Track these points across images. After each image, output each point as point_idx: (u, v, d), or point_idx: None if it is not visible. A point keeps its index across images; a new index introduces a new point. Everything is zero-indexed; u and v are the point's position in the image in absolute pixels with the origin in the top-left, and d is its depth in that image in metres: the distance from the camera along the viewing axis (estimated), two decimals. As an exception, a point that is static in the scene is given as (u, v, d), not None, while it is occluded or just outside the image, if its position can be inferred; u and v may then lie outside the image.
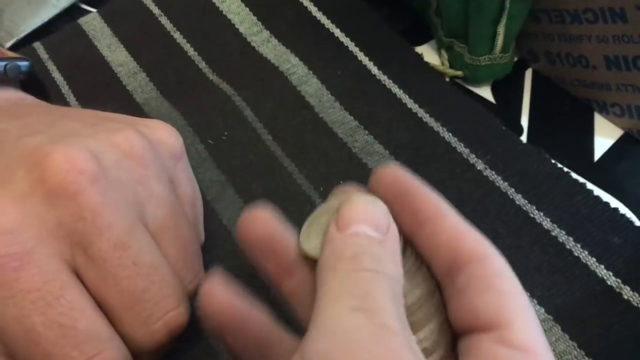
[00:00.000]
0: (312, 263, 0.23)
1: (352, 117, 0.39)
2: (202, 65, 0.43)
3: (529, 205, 0.34)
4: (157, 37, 0.45)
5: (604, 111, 0.39)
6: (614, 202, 0.34)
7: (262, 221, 0.25)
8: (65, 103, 0.41)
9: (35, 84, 0.34)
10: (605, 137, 0.39)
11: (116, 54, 0.44)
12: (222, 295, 0.24)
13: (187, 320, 0.27)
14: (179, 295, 0.27)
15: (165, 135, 0.30)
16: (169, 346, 0.27)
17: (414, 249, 0.23)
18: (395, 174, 0.24)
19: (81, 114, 0.31)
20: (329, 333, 0.18)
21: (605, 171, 0.37)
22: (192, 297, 0.29)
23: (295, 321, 0.26)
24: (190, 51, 0.43)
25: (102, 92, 0.42)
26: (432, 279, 0.22)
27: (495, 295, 0.20)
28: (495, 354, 0.19)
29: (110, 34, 0.45)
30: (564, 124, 0.40)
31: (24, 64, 0.32)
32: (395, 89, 0.40)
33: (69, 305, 0.24)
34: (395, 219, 0.23)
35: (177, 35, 0.44)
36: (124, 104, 0.41)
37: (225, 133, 0.38)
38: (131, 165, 0.27)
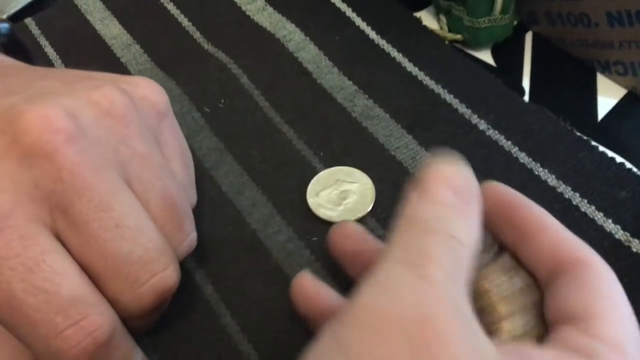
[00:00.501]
0: None
1: (351, 82, 0.38)
2: (197, 35, 0.42)
3: (534, 162, 0.33)
4: (151, 10, 0.44)
5: (606, 71, 0.39)
6: (619, 159, 0.34)
7: (351, 237, 0.27)
8: (59, 76, 0.41)
9: (17, 47, 0.33)
10: (608, 96, 0.38)
11: (109, 28, 0.43)
12: (312, 286, 0.26)
13: (177, 282, 0.26)
14: (166, 258, 0.25)
15: (148, 92, 0.29)
16: (159, 309, 0.27)
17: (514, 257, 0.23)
18: (497, 189, 0.24)
19: (61, 74, 0.29)
20: (375, 281, 0.18)
21: (609, 130, 0.36)
22: (183, 259, 0.28)
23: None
24: (185, 22, 0.43)
25: (95, 66, 0.41)
26: (530, 277, 0.22)
27: (588, 292, 0.20)
28: (575, 342, 0.19)
29: (103, 8, 0.44)
30: (566, 86, 0.39)
31: (3, 25, 0.31)
32: (394, 53, 0.39)
33: (50, 270, 0.22)
34: (499, 233, 0.23)
35: (171, 7, 0.44)
36: (119, 76, 0.40)
37: (222, 101, 0.38)
38: (111, 124, 0.26)
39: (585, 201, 0.31)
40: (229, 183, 0.34)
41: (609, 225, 0.31)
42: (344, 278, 0.29)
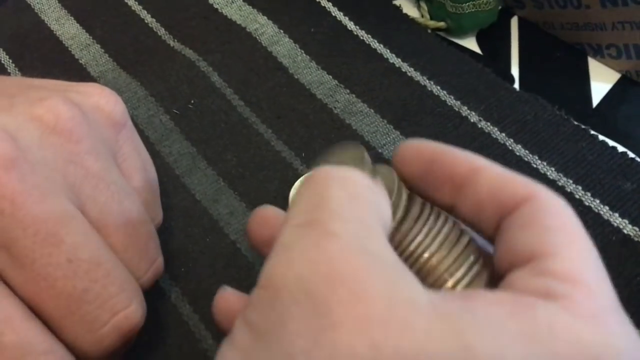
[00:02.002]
0: None
1: (330, 77, 0.35)
2: (162, 32, 0.39)
3: (531, 155, 0.31)
4: (110, 6, 0.41)
5: (598, 54, 0.37)
6: (620, 149, 0.32)
7: (269, 222, 0.23)
8: (12, 81, 0.37)
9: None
10: (601, 81, 0.36)
11: (66, 27, 0.40)
12: (236, 300, 0.22)
13: (142, 318, 0.23)
14: (129, 292, 0.23)
15: (102, 101, 0.26)
16: (125, 348, 0.24)
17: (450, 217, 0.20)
18: (419, 146, 0.21)
19: (1, 84, 0.26)
20: (274, 254, 0.16)
21: (606, 117, 0.34)
22: (149, 288, 0.25)
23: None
24: (148, 18, 0.40)
25: (52, 68, 0.38)
26: (454, 220, 0.20)
27: (537, 229, 0.17)
28: (527, 285, 0.16)
29: (59, 6, 0.41)
30: (557, 72, 0.37)
31: None
32: (374, 44, 0.37)
33: None
34: (433, 192, 0.20)
35: (132, 2, 0.41)
36: (78, 79, 0.36)
37: (192, 101, 0.35)
38: (58, 141, 0.23)
39: (589, 194, 0.29)
40: (203, 191, 0.31)
41: (616, 220, 0.28)
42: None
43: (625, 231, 0.28)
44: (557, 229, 0.17)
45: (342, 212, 0.16)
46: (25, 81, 0.26)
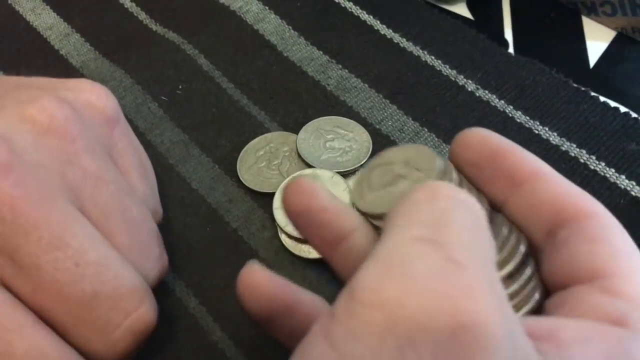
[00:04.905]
0: (369, 224, 0.21)
1: (321, 52, 0.34)
2: (143, 16, 0.38)
3: (532, 121, 0.30)
4: (87, -8, 0.39)
5: (592, 13, 0.36)
6: (622, 109, 0.31)
7: (306, 193, 0.21)
8: (-9, 77, 0.36)
9: None
10: (597, 40, 0.35)
11: (43, 17, 0.38)
12: (266, 282, 0.20)
13: (155, 318, 0.22)
14: (139, 291, 0.22)
15: (94, 97, 0.25)
16: (138, 349, 0.23)
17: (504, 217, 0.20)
18: (482, 136, 0.20)
19: None
20: (384, 264, 0.14)
21: (604, 76, 0.34)
22: (156, 286, 0.24)
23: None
24: (127, 3, 0.38)
25: (32, 61, 0.36)
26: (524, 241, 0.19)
27: (602, 247, 0.17)
28: (595, 302, 0.16)
29: (32, -4, 0.40)
30: (551, 33, 0.36)
31: None
32: (364, 16, 0.36)
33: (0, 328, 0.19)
34: (486, 184, 0.20)
35: (109, -13, 0.39)
36: (60, 70, 0.36)
37: (180, 87, 0.34)
38: (53, 142, 0.22)
39: (594, 157, 0.29)
40: (198, 179, 0.31)
41: (623, 182, 0.28)
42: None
43: (633, 193, 0.28)
44: (623, 250, 0.17)
45: (468, 240, 0.15)
46: (10, 80, 0.25)
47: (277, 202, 0.29)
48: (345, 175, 0.29)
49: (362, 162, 0.29)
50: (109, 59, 0.35)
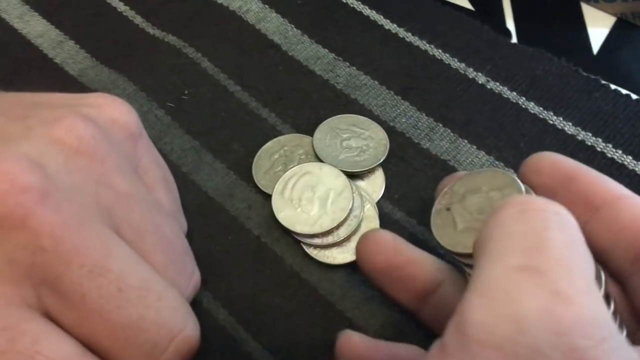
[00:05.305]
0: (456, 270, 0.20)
1: (326, 50, 0.34)
2: (139, 20, 0.36)
3: (546, 112, 0.30)
4: (77, -3, 0.38)
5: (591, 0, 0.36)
6: (633, 96, 0.31)
7: (383, 248, 0.21)
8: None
9: None
10: (598, 27, 0.36)
11: (32, 25, 0.37)
12: (362, 348, 0.21)
13: (199, 336, 0.22)
14: (182, 312, 0.21)
15: (116, 112, 0.24)
16: None
17: None
18: (554, 160, 0.20)
19: (3, 104, 0.23)
20: (489, 298, 0.15)
21: (609, 63, 0.34)
22: (189, 301, 0.24)
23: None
24: (121, 6, 0.37)
25: (25, 72, 0.35)
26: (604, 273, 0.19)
27: None
28: None
29: (19, 3, 0.38)
30: (553, 21, 0.36)
31: None
32: (367, 11, 0.35)
33: None
34: None
35: (101, -9, 0.38)
36: (56, 80, 0.34)
37: (186, 92, 0.33)
38: (84, 163, 0.21)
39: (610, 146, 0.29)
40: (215, 186, 0.30)
41: (641, 169, 0.28)
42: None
43: (651, 179, 0.28)
44: None
45: (568, 263, 0.15)
46: (24, 97, 0.24)
47: None
48: (361, 175, 0.29)
49: (381, 160, 0.29)
50: (109, 65, 0.34)
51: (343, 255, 0.27)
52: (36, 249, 0.18)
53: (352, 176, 0.29)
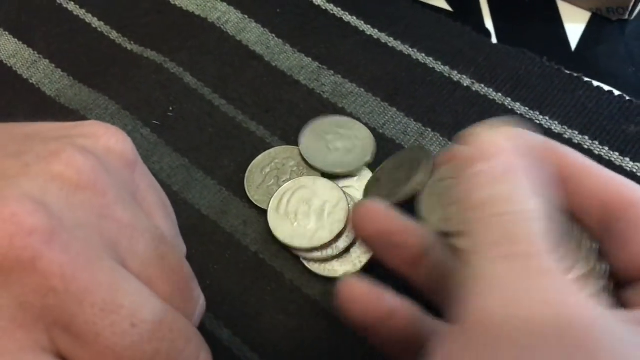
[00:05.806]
0: (442, 240, 0.21)
1: (310, 59, 0.34)
2: (114, 35, 0.36)
3: (532, 112, 0.31)
4: (48, 14, 0.37)
5: (566, -5, 0.36)
6: (616, 92, 0.32)
7: (376, 216, 0.22)
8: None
9: None
10: (574, 22, 0.36)
11: (2, 45, 0.36)
12: (363, 292, 0.22)
13: None
14: (195, 341, 0.21)
15: (112, 141, 0.23)
16: None
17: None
18: (523, 135, 0.20)
19: None
20: (488, 287, 0.16)
21: (587, 59, 0.35)
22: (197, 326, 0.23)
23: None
24: (95, 22, 0.36)
25: (0, 94, 0.34)
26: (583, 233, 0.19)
27: None
28: None
29: (-13, 22, 0.37)
30: (530, 19, 0.37)
31: None
32: (347, 17, 0.35)
33: None
34: None
35: (72, 6, 0.37)
36: (34, 101, 0.34)
37: (170, 108, 0.32)
38: (86, 198, 0.20)
39: (597, 143, 0.30)
40: (207, 204, 0.30)
41: (628, 164, 0.29)
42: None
43: (639, 174, 0.29)
44: None
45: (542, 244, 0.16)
46: (15, 129, 0.23)
47: None
48: (351, 176, 0.29)
49: (369, 158, 0.29)
50: (87, 84, 0.34)
51: (343, 268, 0.27)
52: (47, 291, 0.18)
53: (344, 177, 0.29)
